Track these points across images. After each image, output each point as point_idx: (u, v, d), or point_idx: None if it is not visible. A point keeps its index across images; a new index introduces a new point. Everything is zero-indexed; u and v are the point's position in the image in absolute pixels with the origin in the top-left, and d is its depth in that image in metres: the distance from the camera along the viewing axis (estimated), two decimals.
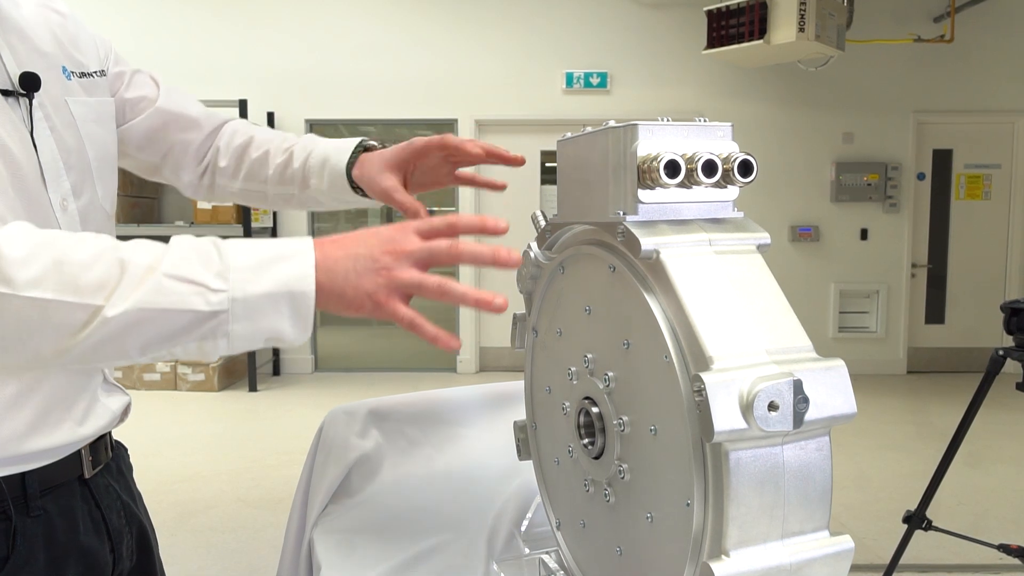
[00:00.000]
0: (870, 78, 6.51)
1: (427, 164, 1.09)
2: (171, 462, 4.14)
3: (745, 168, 0.67)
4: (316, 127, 6.74)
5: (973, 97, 6.57)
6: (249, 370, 6.11)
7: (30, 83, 0.84)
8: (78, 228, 0.89)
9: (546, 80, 6.57)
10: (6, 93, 0.82)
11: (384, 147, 1.10)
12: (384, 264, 0.69)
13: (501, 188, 1.11)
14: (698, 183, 0.66)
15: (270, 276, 0.67)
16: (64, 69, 0.92)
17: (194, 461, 4.28)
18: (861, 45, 5.92)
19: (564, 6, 6.52)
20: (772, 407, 0.56)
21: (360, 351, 7.07)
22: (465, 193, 6.68)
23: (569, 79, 6.55)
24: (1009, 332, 2.10)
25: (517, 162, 1.05)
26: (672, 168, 0.65)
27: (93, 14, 4.71)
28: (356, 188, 1.09)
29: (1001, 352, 2.14)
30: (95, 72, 0.97)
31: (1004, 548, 2.25)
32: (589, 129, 0.75)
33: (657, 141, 0.67)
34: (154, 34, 6.28)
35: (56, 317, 0.62)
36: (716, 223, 0.69)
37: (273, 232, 6.65)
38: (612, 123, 0.71)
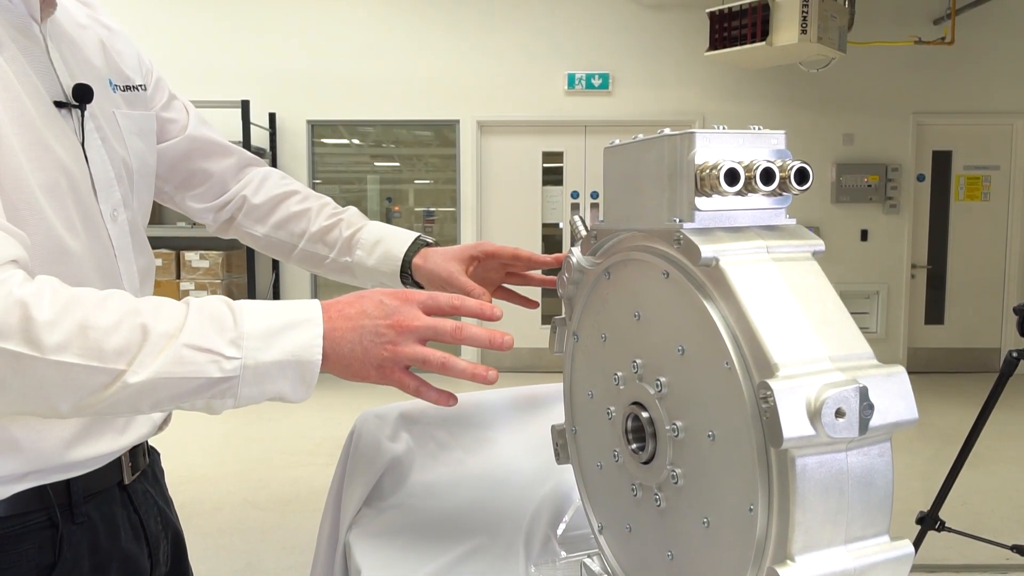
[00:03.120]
0: (871, 80, 6.54)
1: (488, 265, 1.13)
2: (176, 463, 4.11)
3: (801, 176, 0.67)
4: (318, 127, 6.74)
5: (973, 99, 6.60)
6: None
7: (82, 95, 0.84)
8: (127, 238, 0.90)
9: (548, 81, 6.58)
10: (59, 104, 0.82)
11: (439, 244, 1.16)
12: (389, 339, 0.72)
13: (534, 307, 1.17)
14: (755, 191, 0.67)
15: (280, 345, 0.70)
16: (110, 82, 0.93)
17: (199, 462, 4.28)
18: (862, 47, 5.95)
19: (566, 7, 6.53)
20: (839, 414, 0.57)
21: None
22: (467, 194, 6.68)
23: (571, 80, 6.56)
24: (1023, 334, 2.12)
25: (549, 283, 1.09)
26: (732, 176, 0.65)
27: None
28: (404, 276, 1.12)
29: (1015, 354, 2.16)
30: (138, 86, 0.99)
31: (1017, 549, 2.27)
32: (640, 136, 0.75)
33: (714, 149, 0.68)
34: (156, 36, 6.27)
35: (79, 380, 0.65)
36: (771, 230, 0.69)
37: None
38: (667, 131, 0.71)
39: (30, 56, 0.81)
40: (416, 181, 7.21)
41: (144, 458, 0.99)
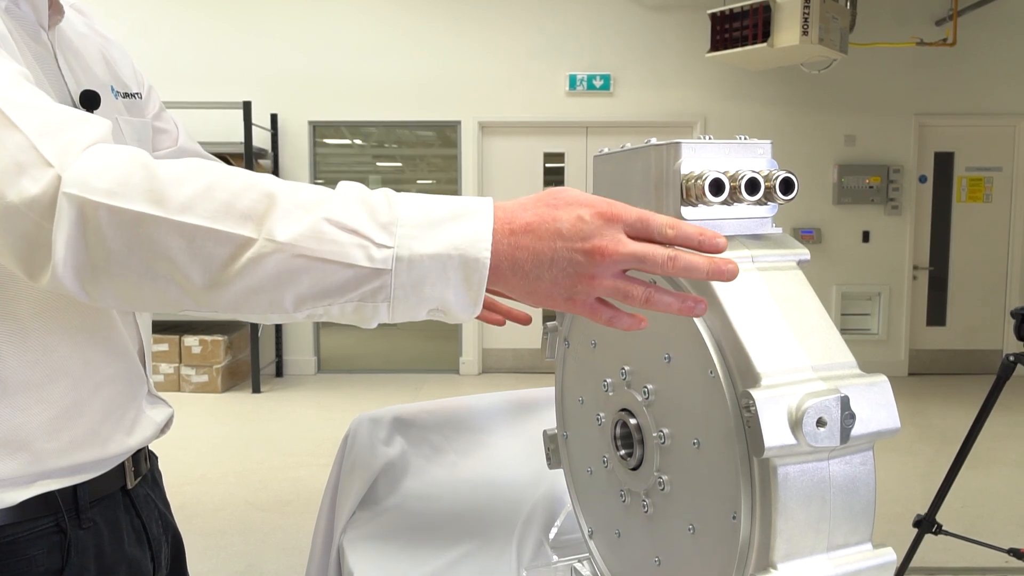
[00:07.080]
0: (872, 81, 6.53)
1: None
2: (177, 464, 4.14)
3: (787, 186, 0.68)
4: (319, 128, 6.75)
5: (975, 100, 6.59)
6: (252, 371, 6.12)
7: (90, 101, 0.86)
8: None
9: (549, 82, 6.58)
10: None
11: None
12: (585, 269, 0.61)
13: (527, 322, 1.05)
14: (741, 200, 0.68)
15: (441, 236, 0.60)
16: (112, 89, 0.94)
17: (200, 463, 4.29)
18: (864, 48, 5.94)
19: (567, 8, 6.53)
20: (820, 423, 0.58)
21: (363, 352, 7.08)
22: (468, 194, 6.68)
23: (572, 81, 6.57)
24: (1020, 338, 2.12)
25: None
26: (717, 186, 0.66)
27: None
28: None
29: (1012, 357, 2.16)
30: (135, 93, 1.00)
31: (1014, 552, 2.27)
32: (628, 145, 0.76)
33: (700, 159, 0.68)
34: (156, 37, 6.29)
35: (205, 248, 0.58)
36: (757, 239, 0.70)
37: None
38: (653, 140, 0.72)
39: (42, 63, 0.83)
40: (418, 181, 7.21)
41: (145, 462, 0.99)
